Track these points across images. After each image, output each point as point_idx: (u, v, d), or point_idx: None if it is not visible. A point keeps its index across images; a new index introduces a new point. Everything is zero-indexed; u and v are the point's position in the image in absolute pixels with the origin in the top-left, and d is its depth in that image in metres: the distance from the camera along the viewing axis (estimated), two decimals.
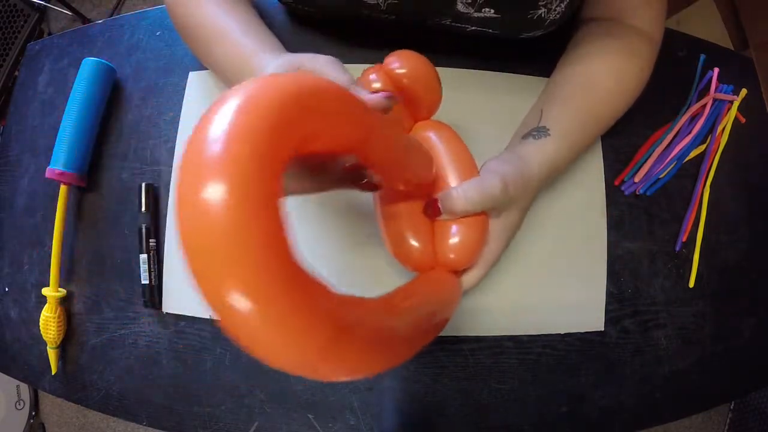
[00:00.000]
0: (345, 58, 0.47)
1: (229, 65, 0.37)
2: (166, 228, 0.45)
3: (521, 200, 0.34)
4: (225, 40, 0.37)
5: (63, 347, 0.45)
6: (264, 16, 0.43)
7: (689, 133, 0.47)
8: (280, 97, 0.16)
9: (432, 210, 0.31)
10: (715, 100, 0.48)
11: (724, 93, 0.48)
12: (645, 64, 0.40)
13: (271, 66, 0.32)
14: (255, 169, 0.14)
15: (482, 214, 0.31)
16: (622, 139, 0.47)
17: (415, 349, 0.23)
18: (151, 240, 0.44)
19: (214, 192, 0.13)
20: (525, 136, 0.38)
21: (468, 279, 0.34)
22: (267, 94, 0.16)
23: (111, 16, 1.39)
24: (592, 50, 0.41)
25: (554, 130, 0.37)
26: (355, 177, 0.29)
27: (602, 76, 0.40)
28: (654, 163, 0.46)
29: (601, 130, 0.41)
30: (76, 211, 0.47)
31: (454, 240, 0.30)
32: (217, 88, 0.47)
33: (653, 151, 0.47)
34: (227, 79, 0.39)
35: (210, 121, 0.15)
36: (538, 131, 0.37)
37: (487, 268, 0.34)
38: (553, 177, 0.38)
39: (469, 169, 0.33)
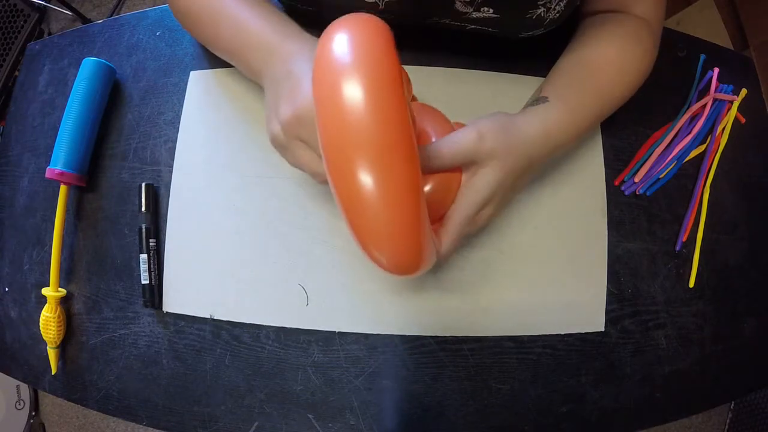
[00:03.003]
0: None
1: (251, 52, 0.36)
2: (166, 228, 0.45)
3: (504, 157, 0.31)
4: (240, 27, 0.36)
5: (63, 347, 0.45)
6: None
7: (689, 133, 0.47)
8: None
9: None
10: (715, 100, 0.48)
11: (724, 93, 0.48)
12: (648, 48, 0.40)
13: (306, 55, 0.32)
14: (390, 70, 0.19)
15: (456, 169, 0.30)
16: (622, 139, 0.47)
17: None
18: (151, 240, 0.44)
19: (357, 87, 0.18)
20: (524, 107, 0.37)
21: (442, 244, 0.32)
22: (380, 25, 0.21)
23: (111, 16, 1.39)
24: (595, 34, 0.41)
25: (552, 96, 0.36)
26: None
27: (605, 53, 0.39)
28: (654, 163, 0.46)
29: (603, 106, 0.39)
30: (76, 211, 0.47)
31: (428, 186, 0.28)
32: (218, 87, 0.47)
33: (653, 151, 0.47)
34: (243, 63, 0.37)
35: (352, 36, 0.20)
36: (537, 101, 0.37)
37: (458, 232, 0.32)
38: (552, 145, 0.35)
39: (444, 126, 0.32)
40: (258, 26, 0.36)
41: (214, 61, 0.48)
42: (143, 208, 0.44)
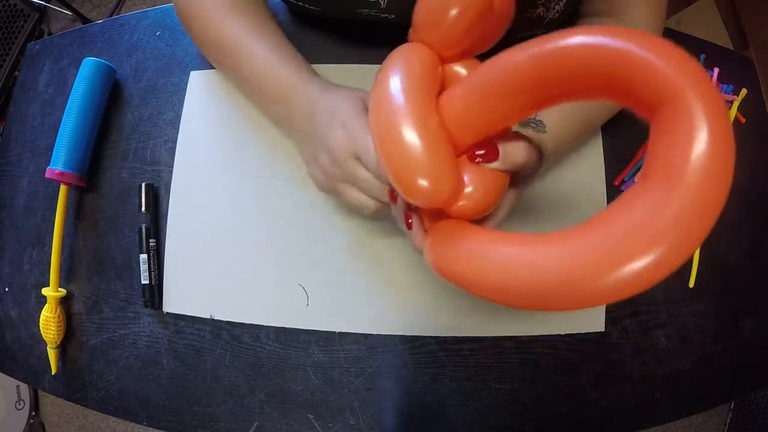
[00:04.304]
0: (345, 58, 0.47)
1: (271, 105, 0.39)
2: (167, 228, 0.45)
3: (532, 178, 0.34)
4: (260, 66, 0.38)
5: (63, 347, 0.45)
6: None
7: None
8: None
9: (489, 155, 0.27)
10: None
11: (724, 93, 0.48)
12: None
13: (344, 101, 0.34)
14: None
15: (504, 174, 0.29)
16: (622, 139, 0.47)
17: None
18: (151, 240, 0.44)
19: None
20: (523, 124, 0.37)
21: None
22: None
23: (111, 16, 1.40)
24: None
25: (550, 128, 0.37)
26: None
27: None
28: None
29: (591, 131, 0.42)
30: (76, 211, 0.47)
31: (468, 188, 0.27)
32: (218, 87, 0.47)
33: None
34: (263, 110, 0.41)
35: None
36: (537, 124, 0.37)
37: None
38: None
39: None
40: (276, 76, 0.38)
41: None
42: (143, 208, 0.44)
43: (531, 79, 0.21)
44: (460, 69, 0.28)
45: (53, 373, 0.45)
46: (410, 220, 0.30)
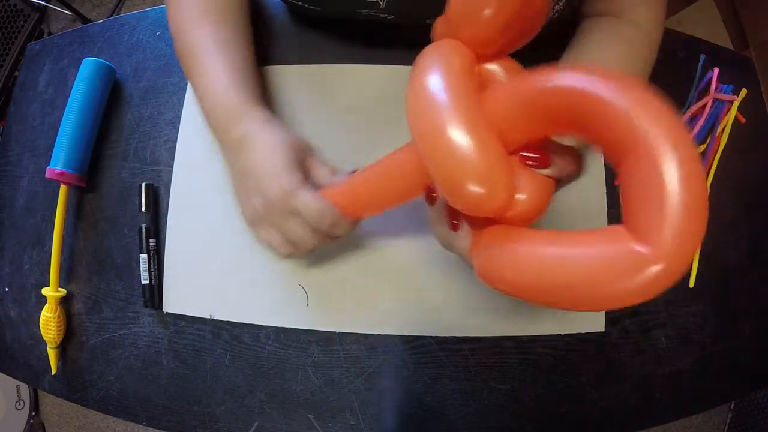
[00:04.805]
0: (345, 58, 0.47)
1: (210, 121, 0.38)
2: (166, 228, 0.45)
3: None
4: (207, 84, 0.37)
5: (63, 347, 0.45)
6: (265, 15, 0.44)
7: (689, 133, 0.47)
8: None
9: (542, 160, 0.25)
10: (715, 100, 0.48)
11: (724, 93, 0.48)
12: (646, 64, 0.40)
13: (277, 147, 0.34)
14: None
15: (552, 180, 0.28)
16: None
17: None
18: (151, 240, 0.44)
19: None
20: None
21: None
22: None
23: (111, 16, 1.40)
24: (592, 50, 0.41)
25: None
26: None
27: None
28: None
29: None
30: (76, 211, 0.47)
31: (521, 195, 0.25)
32: None
33: None
34: (201, 109, 0.39)
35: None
36: None
37: None
38: None
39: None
40: (220, 98, 0.37)
41: None
42: (143, 208, 0.44)
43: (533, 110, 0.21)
44: (494, 68, 0.27)
45: (53, 373, 0.45)
46: (456, 221, 0.28)
